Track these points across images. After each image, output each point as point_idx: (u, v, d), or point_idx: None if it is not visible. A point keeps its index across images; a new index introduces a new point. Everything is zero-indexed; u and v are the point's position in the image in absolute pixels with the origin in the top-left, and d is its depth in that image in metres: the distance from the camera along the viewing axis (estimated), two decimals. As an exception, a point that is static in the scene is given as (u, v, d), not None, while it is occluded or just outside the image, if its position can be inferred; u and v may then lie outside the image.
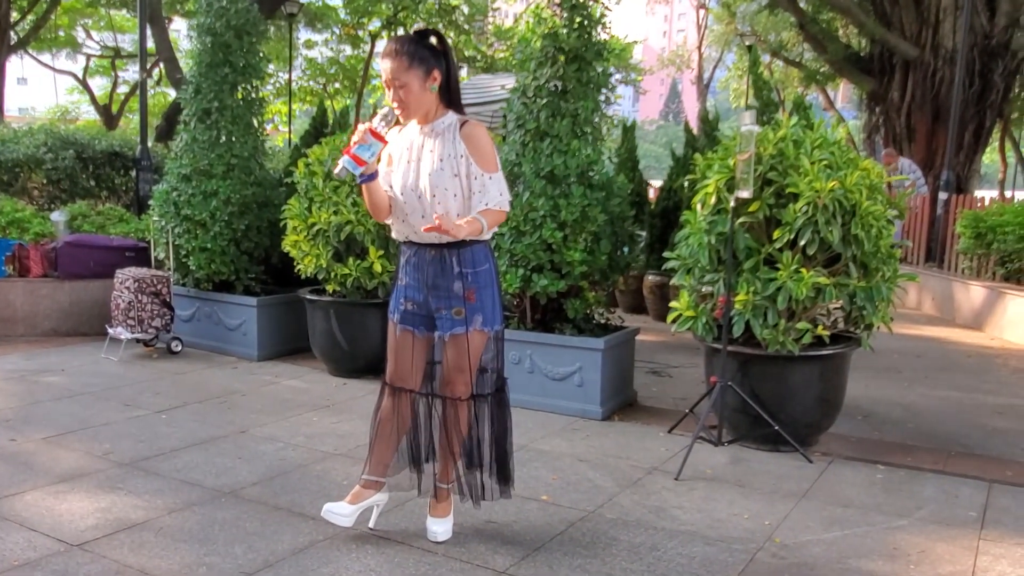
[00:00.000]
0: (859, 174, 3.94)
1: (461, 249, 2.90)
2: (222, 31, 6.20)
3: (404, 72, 2.81)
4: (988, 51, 13.43)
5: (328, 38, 27.01)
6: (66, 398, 4.93)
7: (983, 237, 8.48)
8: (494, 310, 2.98)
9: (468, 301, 2.92)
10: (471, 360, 2.96)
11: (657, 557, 3.00)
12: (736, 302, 4.04)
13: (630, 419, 4.79)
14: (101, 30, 25.64)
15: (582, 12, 4.76)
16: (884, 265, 4.09)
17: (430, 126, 2.92)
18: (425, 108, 2.89)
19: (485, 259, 2.95)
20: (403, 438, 3.13)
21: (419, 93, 2.84)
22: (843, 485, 3.77)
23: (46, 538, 3.02)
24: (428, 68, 2.84)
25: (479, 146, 2.85)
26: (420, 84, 2.84)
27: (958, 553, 3.09)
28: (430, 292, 2.97)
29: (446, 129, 2.90)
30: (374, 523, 3.18)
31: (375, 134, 2.78)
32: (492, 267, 2.99)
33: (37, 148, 8.30)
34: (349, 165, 2.78)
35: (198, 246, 6.13)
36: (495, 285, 3.00)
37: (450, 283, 2.93)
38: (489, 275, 2.96)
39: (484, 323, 2.95)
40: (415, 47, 2.85)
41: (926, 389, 5.68)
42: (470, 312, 2.93)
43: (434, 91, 2.87)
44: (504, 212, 2.87)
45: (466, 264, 2.91)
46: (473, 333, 2.94)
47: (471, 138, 2.86)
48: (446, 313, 2.95)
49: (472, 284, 2.91)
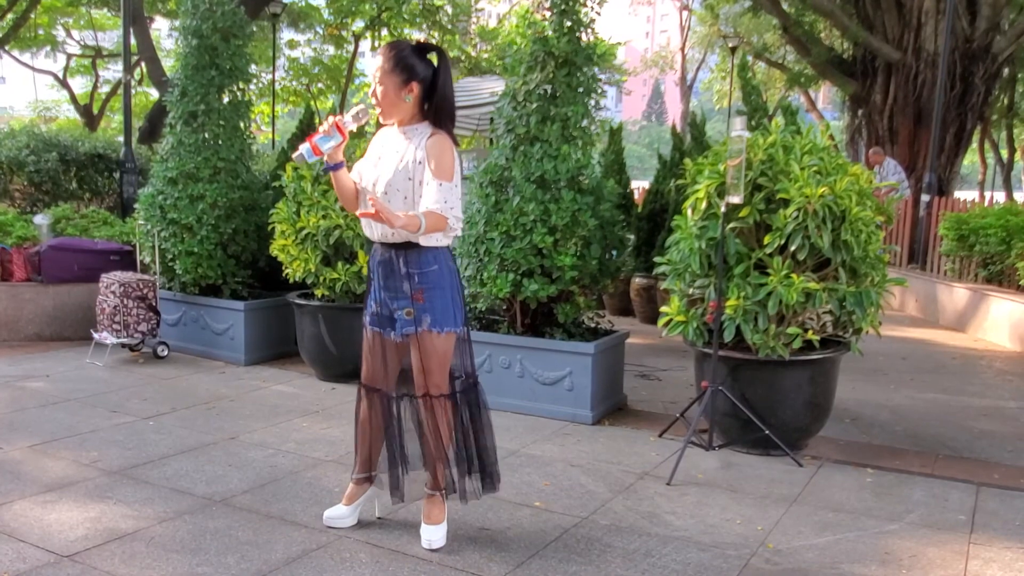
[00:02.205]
0: (848, 180, 3.96)
1: (408, 251, 2.96)
2: (208, 33, 6.15)
3: (384, 74, 2.92)
4: (969, 54, 13.56)
5: (311, 38, 26.86)
6: (51, 405, 4.88)
7: (966, 239, 8.56)
8: (447, 313, 3.00)
9: (416, 302, 2.98)
10: (434, 362, 3.01)
11: (652, 563, 3.00)
12: (727, 307, 4.06)
13: (620, 423, 4.80)
14: (82, 29, 25.37)
15: (571, 17, 4.76)
16: (873, 270, 4.12)
17: (405, 129, 3.01)
18: (399, 114, 2.98)
19: (434, 261, 2.98)
20: (384, 440, 3.18)
21: (392, 98, 2.93)
22: (833, 489, 3.80)
23: (35, 549, 2.99)
24: (407, 78, 2.92)
25: (437, 155, 2.89)
26: (395, 91, 2.92)
27: (949, 557, 3.11)
28: (386, 292, 3.05)
29: (416, 136, 2.97)
30: (380, 511, 3.27)
31: (339, 128, 2.89)
32: (444, 270, 3.01)
33: (19, 150, 8.20)
34: (306, 152, 2.90)
35: (185, 250, 6.08)
36: (451, 288, 3.02)
37: (399, 283, 3.00)
38: (439, 277, 2.99)
39: (433, 324, 2.98)
40: (403, 54, 2.92)
41: (912, 391, 5.73)
42: (419, 312, 2.98)
43: (408, 101, 2.94)
44: (445, 219, 2.85)
45: (412, 265, 2.97)
46: (424, 334, 2.99)
47: (432, 147, 2.91)
48: (399, 314, 3.02)
49: (420, 285, 2.97)
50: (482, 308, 4.97)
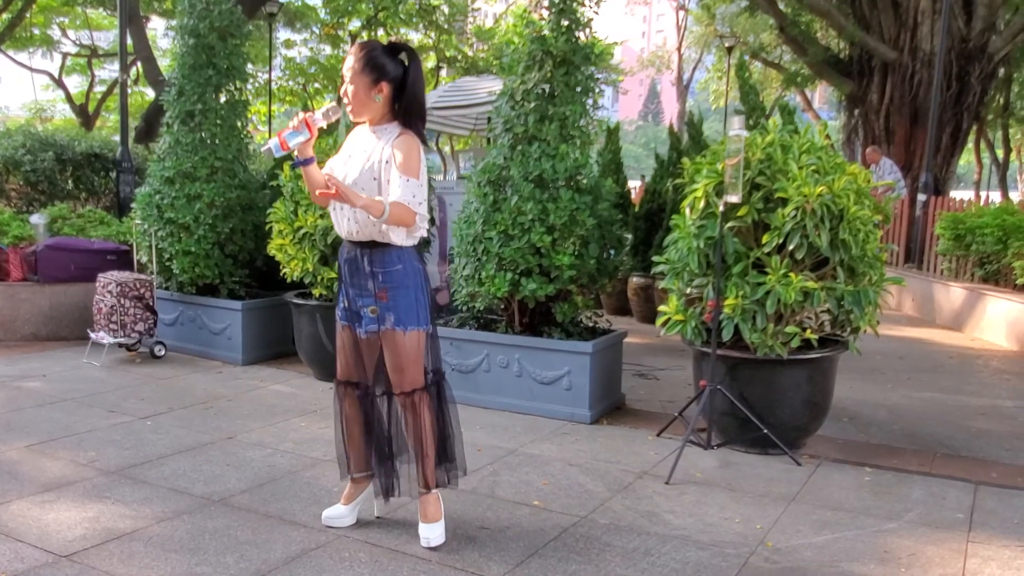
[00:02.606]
0: (846, 179, 3.97)
1: (373, 249, 2.99)
2: (205, 32, 6.14)
3: (354, 74, 2.95)
4: (965, 54, 13.60)
5: (307, 38, 26.84)
6: (48, 404, 4.87)
7: (962, 239, 8.57)
8: (410, 312, 3.02)
9: (380, 300, 3.00)
10: (403, 359, 3.03)
11: (651, 562, 3.00)
12: (725, 306, 4.06)
13: (618, 423, 4.80)
14: (77, 28, 25.31)
15: (569, 16, 4.76)
16: (871, 269, 4.12)
17: (376, 128, 3.04)
18: (369, 113, 3.00)
19: (399, 260, 3.00)
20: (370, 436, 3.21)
21: (362, 98, 2.96)
22: (832, 488, 3.80)
23: (34, 549, 2.98)
24: (377, 78, 2.94)
25: (404, 154, 2.91)
26: (365, 90, 2.95)
27: (947, 556, 3.12)
28: (352, 290, 3.08)
29: (385, 136, 3.00)
30: (379, 511, 3.30)
31: (308, 125, 2.92)
32: (408, 269, 3.03)
33: (16, 150, 8.19)
34: (274, 147, 2.92)
35: (182, 249, 6.07)
36: (416, 288, 3.04)
37: (364, 281, 3.03)
38: (403, 276, 3.01)
39: (396, 323, 3.01)
40: (374, 54, 2.96)
41: (910, 390, 5.74)
42: (383, 311, 3.01)
43: (378, 101, 2.97)
44: (413, 213, 2.87)
45: (376, 264, 3.00)
46: (389, 332, 3.01)
47: (399, 146, 2.93)
48: (365, 311, 3.05)
49: (383, 284, 3.00)
50: (480, 307, 4.96)
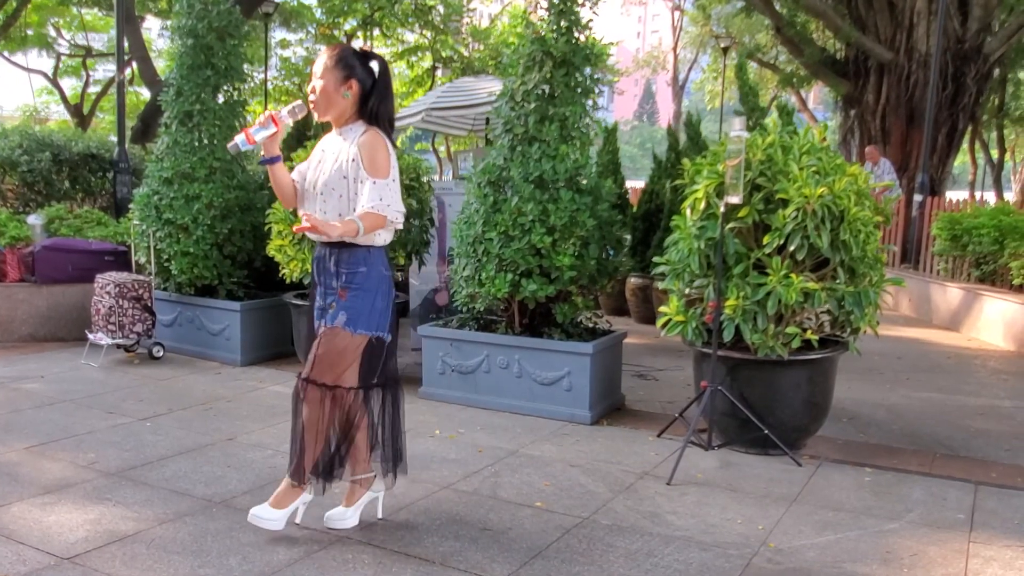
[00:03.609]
0: (847, 180, 3.97)
1: (340, 250, 3.03)
2: (204, 33, 6.13)
3: (325, 70, 2.98)
4: (961, 55, 13.63)
5: (303, 38, 26.79)
6: (47, 406, 4.86)
7: (959, 239, 8.60)
8: (362, 315, 3.04)
9: (339, 298, 3.05)
10: (319, 351, 3.05)
11: (654, 563, 3.00)
12: (726, 307, 4.06)
13: (618, 423, 4.80)
14: (73, 29, 25.25)
15: (569, 17, 4.77)
16: (871, 270, 4.13)
17: (342, 130, 3.06)
18: (336, 111, 3.02)
19: (363, 263, 3.03)
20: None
21: (331, 93, 2.98)
22: (832, 488, 3.81)
23: (36, 551, 2.97)
24: (347, 75, 2.98)
25: (368, 153, 2.94)
26: (335, 86, 2.97)
27: (950, 556, 3.12)
28: (321, 288, 3.13)
29: (350, 135, 3.03)
30: (382, 512, 3.33)
31: (274, 120, 2.94)
32: (372, 273, 3.05)
33: (12, 150, 8.16)
34: (240, 142, 2.95)
35: (180, 250, 6.06)
36: (376, 293, 3.06)
37: (330, 280, 3.08)
38: (365, 279, 3.04)
39: (348, 323, 3.03)
40: (346, 55, 3.01)
41: (908, 391, 5.75)
42: (338, 308, 3.04)
43: (347, 98, 2.99)
44: (383, 217, 2.91)
45: (342, 264, 3.04)
46: (335, 329, 3.03)
47: (364, 145, 2.96)
48: (329, 309, 3.09)
49: (346, 284, 3.04)
50: (480, 308, 4.96)
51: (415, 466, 3.96)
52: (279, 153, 3.01)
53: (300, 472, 3.12)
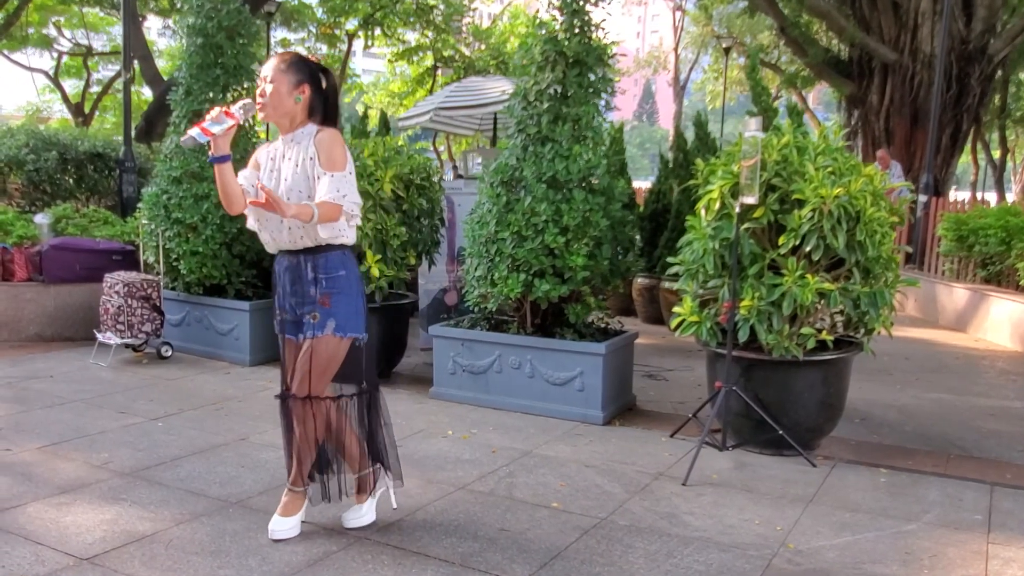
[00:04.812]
0: (863, 180, 3.97)
1: (316, 255, 3.01)
2: (213, 32, 6.12)
3: (278, 73, 2.98)
4: (965, 56, 13.62)
5: (304, 37, 26.76)
6: (58, 405, 4.84)
7: (965, 239, 8.59)
8: (350, 318, 3.05)
9: (322, 306, 3.02)
10: (312, 363, 3.03)
11: (674, 564, 3.00)
12: (741, 307, 4.06)
13: (631, 424, 4.79)
14: (74, 28, 25.22)
15: (582, 17, 4.76)
16: (886, 270, 4.13)
17: (291, 135, 3.05)
18: (287, 113, 3.01)
19: (341, 266, 3.05)
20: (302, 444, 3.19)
21: (283, 96, 2.98)
22: (848, 489, 3.80)
23: (54, 552, 2.96)
24: (300, 80, 3.00)
25: (326, 149, 2.96)
26: (287, 88, 2.98)
27: (969, 557, 3.12)
28: (292, 299, 3.09)
29: (304, 136, 3.02)
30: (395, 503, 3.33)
31: (228, 114, 2.90)
32: (351, 275, 3.07)
33: (18, 149, 8.14)
34: (196, 135, 2.87)
35: (189, 250, 6.05)
36: (357, 294, 3.08)
37: (307, 288, 3.04)
38: (346, 282, 3.05)
39: (337, 329, 3.03)
40: (299, 62, 3.04)
41: (918, 391, 5.75)
42: (323, 317, 3.02)
43: (298, 101, 3.00)
44: (339, 207, 2.91)
45: (320, 270, 3.02)
46: (326, 338, 3.02)
47: (321, 142, 2.97)
48: (307, 319, 3.05)
49: (327, 289, 3.02)
50: (492, 308, 4.95)
51: (429, 466, 3.96)
52: (229, 152, 2.94)
53: (300, 479, 3.16)
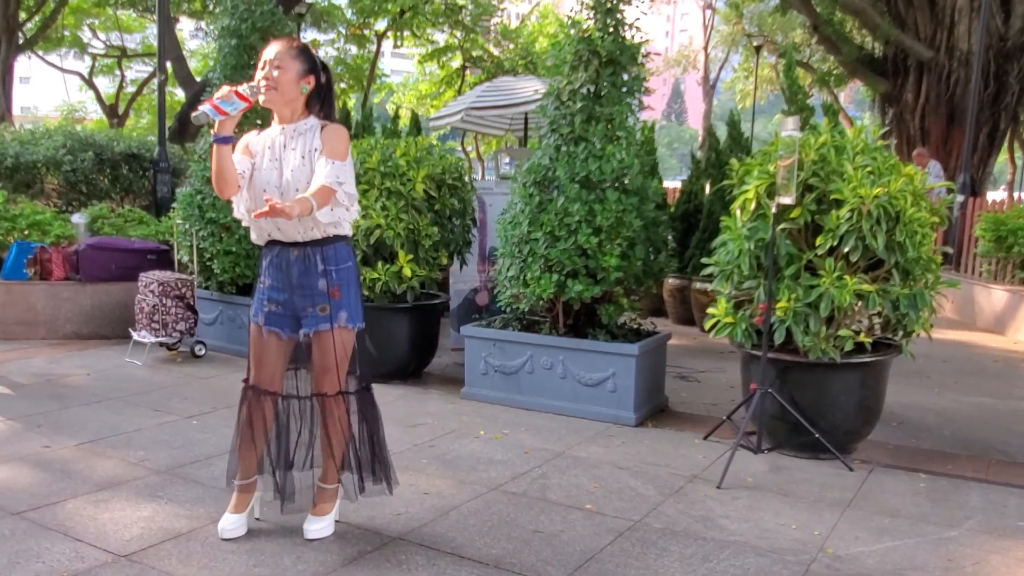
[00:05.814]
0: (903, 180, 3.90)
1: (324, 247, 2.99)
2: (247, 33, 6.17)
3: (287, 58, 2.94)
4: (1003, 53, 13.39)
5: (334, 38, 26.95)
6: (95, 403, 4.90)
7: (1004, 240, 8.44)
8: (357, 308, 3.07)
9: (332, 298, 3.00)
10: (337, 358, 3.03)
11: (711, 568, 2.96)
12: (777, 309, 4.00)
13: (663, 425, 4.75)
14: (108, 30, 25.60)
15: (615, 16, 4.73)
16: (926, 272, 4.05)
17: (293, 126, 3.01)
18: (291, 102, 2.98)
19: (348, 257, 3.05)
20: (267, 442, 3.18)
21: (291, 82, 2.94)
22: (887, 494, 3.74)
23: (92, 548, 2.99)
24: (308, 69, 2.98)
25: (331, 140, 2.94)
26: (295, 75, 2.94)
27: (1013, 565, 3.05)
28: (295, 292, 3.04)
29: (308, 130, 3.00)
30: (259, 513, 3.28)
31: (238, 94, 2.85)
32: (354, 265, 3.07)
33: (56, 150, 8.27)
34: (210, 111, 2.82)
35: (222, 249, 6.10)
36: (358, 285, 3.10)
37: (315, 281, 3.00)
38: (352, 272, 3.05)
39: (349, 319, 3.03)
40: (307, 51, 3.01)
41: (957, 395, 5.65)
42: (335, 309, 3.01)
43: (304, 92, 2.98)
44: (333, 192, 2.86)
45: (329, 262, 3.00)
46: (339, 330, 3.02)
47: (327, 134, 2.96)
48: (312, 311, 3.03)
49: (336, 281, 3.01)
50: (524, 309, 4.94)
51: (462, 467, 3.96)
52: (232, 135, 2.89)
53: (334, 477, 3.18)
